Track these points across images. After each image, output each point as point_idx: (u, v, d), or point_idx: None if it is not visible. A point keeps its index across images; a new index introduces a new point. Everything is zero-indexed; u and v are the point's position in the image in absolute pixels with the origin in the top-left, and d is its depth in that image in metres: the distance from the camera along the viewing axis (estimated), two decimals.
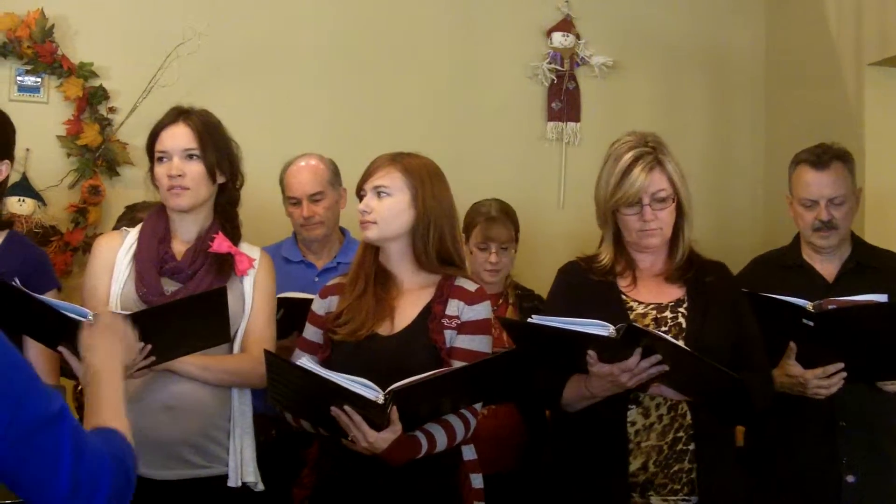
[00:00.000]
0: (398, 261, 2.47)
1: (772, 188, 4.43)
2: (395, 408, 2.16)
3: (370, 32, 4.26)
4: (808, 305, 2.48)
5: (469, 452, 2.51)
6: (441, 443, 2.33)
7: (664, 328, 2.42)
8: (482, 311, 2.43)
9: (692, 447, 2.40)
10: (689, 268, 2.53)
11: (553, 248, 2.81)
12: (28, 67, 3.88)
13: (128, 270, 2.55)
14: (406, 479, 2.31)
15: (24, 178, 3.78)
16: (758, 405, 2.39)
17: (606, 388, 2.32)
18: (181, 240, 2.61)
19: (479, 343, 2.41)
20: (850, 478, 2.79)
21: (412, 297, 2.45)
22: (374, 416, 2.16)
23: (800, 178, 2.92)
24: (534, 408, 3.12)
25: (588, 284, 2.52)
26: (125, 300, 2.50)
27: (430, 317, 2.40)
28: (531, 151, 4.42)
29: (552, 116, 4.44)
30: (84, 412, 1.54)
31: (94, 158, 3.90)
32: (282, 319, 2.82)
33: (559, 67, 4.42)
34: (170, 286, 2.53)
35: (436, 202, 2.44)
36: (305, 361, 2.19)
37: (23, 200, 3.74)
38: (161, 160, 2.58)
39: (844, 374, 2.56)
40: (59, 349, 2.32)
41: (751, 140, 4.62)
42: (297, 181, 3.38)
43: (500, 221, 3.37)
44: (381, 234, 2.44)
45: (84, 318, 2.21)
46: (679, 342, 2.29)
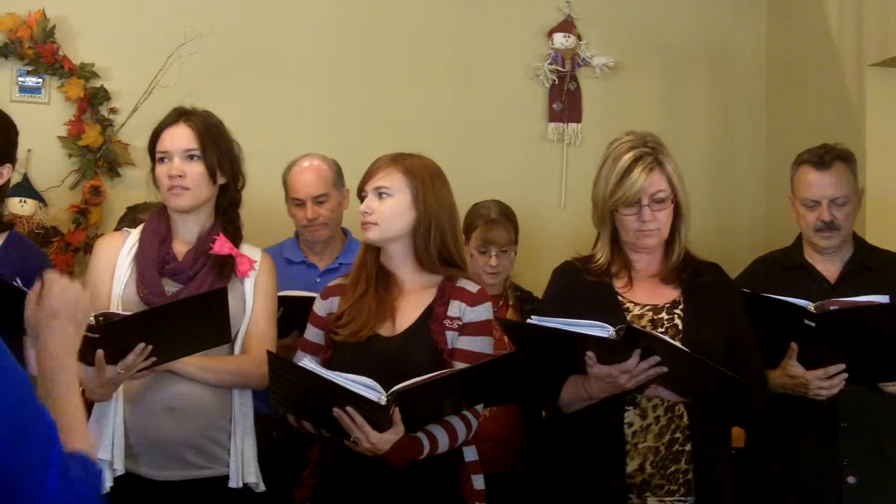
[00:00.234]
0: (399, 261, 2.47)
1: (773, 188, 4.42)
2: (398, 409, 2.16)
3: (371, 33, 4.26)
4: (810, 306, 2.48)
5: (471, 453, 2.50)
6: (443, 444, 2.33)
7: (661, 329, 2.42)
8: (484, 313, 2.43)
9: (689, 448, 2.40)
10: (685, 269, 2.53)
11: (554, 249, 2.81)
12: (29, 68, 3.88)
13: (129, 271, 2.55)
14: (408, 480, 2.31)
15: (26, 179, 3.78)
16: (754, 405, 2.39)
17: (604, 390, 2.32)
18: (182, 240, 2.61)
19: (481, 344, 2.40)
20: (852, 479, 2.78)
21: (414, 298, 2.44)
22: (377, 418, 2.16)
23: (802, 179, 2.92)
24: (535, 408, 3.11)
25: (584, 285, 2.52)
26: (126, 301, 2.51)
27: (432, 318, 2.39)
28: (532, 152, 4.42)
29: (553, 117, 4.43)
30: (46, 404, 1.46)
31: (96, 159, 3.90)
32: (282, 318, 2.81)
33: (560, 68, 4.42)
34: (171, 287, 2.53)
35: (437, 203, 2.43)
36: (307, 362, 2.19)
37: (24, 201, 3.75)
38: (162, 161, 2.58)
39: (846, 376, 2.56)
40: None
41: (752, 140, 4.62)
42: (301, 183, 3.35)
43: (500, 224, 3.34)
44: (383, 236, 2.43)
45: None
46: (679, 344, 2.29)
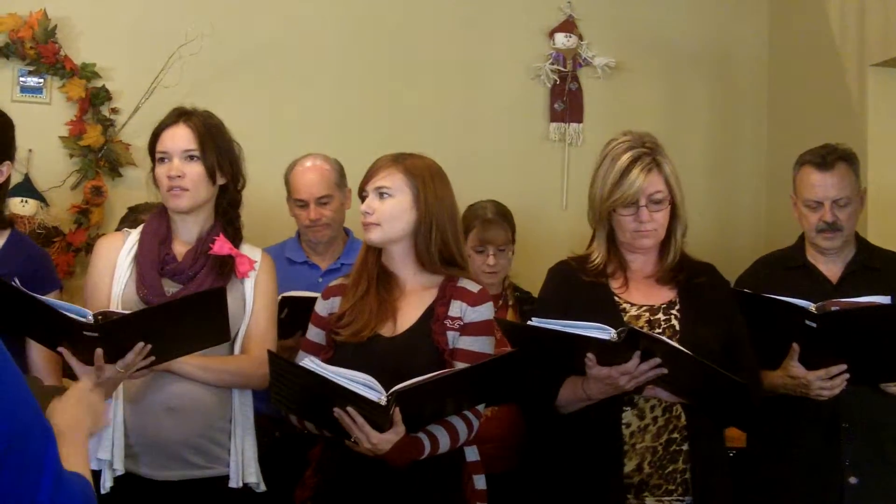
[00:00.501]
0: (401, 262, 2.47)
1: (775, 189, 4.42)
2: (398, 409, 2.16)
3: (373, 33, 4.26)
4: (812, 307, 2.47)
5: (472, 453, 2.50)
6: (444, 444, 2.33)
7: (658, 330, 2.42)
8: (485, 313, 2.43)
9: (686, 447, 2.40)
10: (680, 270, 2.53)
11: (555, 249, 2.80)
12: (31, 68, 3.88)
13: (129, 271, 2.55)
14: (409, 481, 2.30)
15: (27, 179, 3.78)
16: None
17: (604, 391, 2.32)
18: (182, 241, 2.61)
19: (482, 344, 2.40)
20: (853, 479, 2.78)
21: (415, 299, 2.44)
22: (377, 418, 2.16)
23: (804, 180, 2.91)
24: (533, 409, 3.10)
25: (580, 285, 2.52)
26: (126, 301, 2.50)
27: (433, 318, 2.39)
28: (534, 152, 4.41)
29: (555, 117, 4.43)
30: None
31: (97, 159, 3.90)
32: (286, 318, 2.81)
33: (562, 68, 4.42)
34: (170, 287, 2.53)
35: (438, 203, 2.43)
36: (308, 362, 2.18)
37: (25, 201, 3.75)
38: (161, 161, 2.58)
39: (847, 376, 2.56)
40: (60, 350, 2.32)
41: (754, 140, 4.61)
42: (305, 184, 3.33)
43: (497, 224, 3.35)
44: (385, 237, 2.43)
45: (84, 319, 2.22)
46: (680, 346, 2.28)
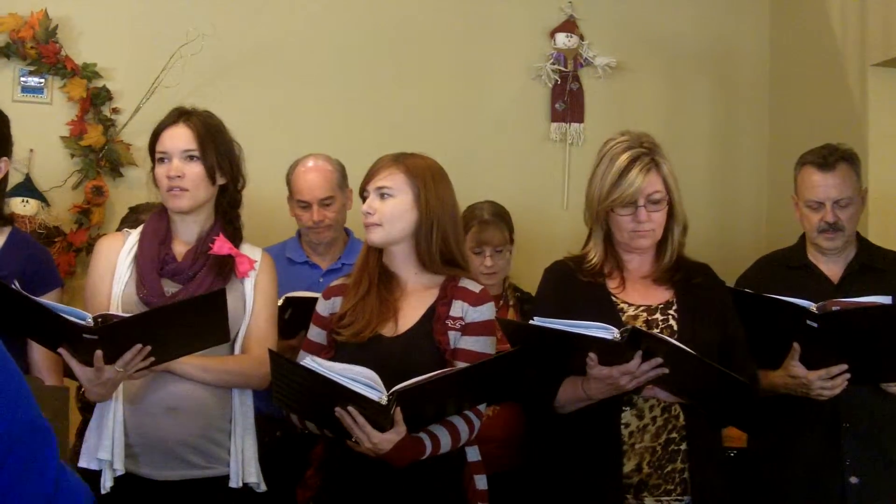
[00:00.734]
0: (402, 262, 2.47)
1: (776, 188, 4.42)
2: (399, 409, 2.16)
3: (374, 33, 4.25)
4: (812, 307, 2.47)
5: (473, 454, 2.50)
6: (445, 444, 2.33)
7: (655, 331, 2.41)
8: (486, 313, 2.43)
9: (684, 447, 2.40)
10: (677, 270, 2.53)
11: (556, 250, 2.80)
12: (31, 68, 3.87)
13: (129, 272, 2.54)
14: (410, 481, 2.30)
15: (28, 179, 3.78)
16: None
17: (604, 391, 2.32)
18: (182, 241, 2.60)
19: (484, 344, 2.40)
20: (854, 479, 2.78)
21: (416, 299, 2.44)
22: (378, 417, 2.16)
23: (805, 180, 2.91)
24: (532, 409, 3.10)
25: (577, 285, 2.52)
26: (126, 301, 2.50)
27: (435, 318, 2.39)
28: (535, 152, 4.41)
29: (556, 117, 4.43)
30: None
31: (98, 159, 3.90)
32: (289, 319, 2.81)
33: (563, 68, 4.41)
34: (170, 287, 2.52)
35: (439, 203, 2.43)
36: (309, 361, 2.18)
37: (26, 201, 3.75)
38: (161, 161, 2.57)
39: (848, 376, 2.56)
40: (60, 351, 2.33)
41: (754, 140, 4.61)
42: (307, 185, 3.31)
43: (494, 224, 3.35)
44: (387, 238, 2.43)
45: (83, 321, 2.22)
46: (684, 346, 2.28)
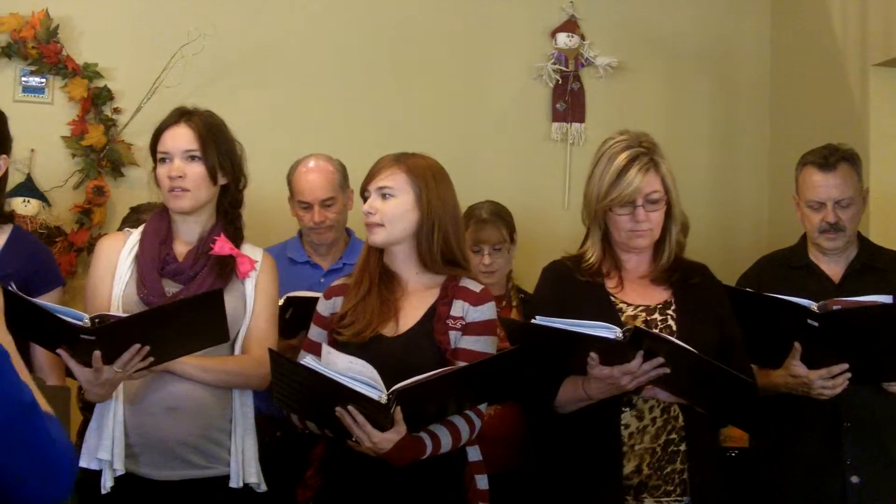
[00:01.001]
0: (403, 262, 2.47)
1: (776, 188, 4.42)
2: (399, 408, 2.16)
3: (375, 33, 4.25)
4: (813, 306, 2.47)
5: (474, 453, 2.49)
6: (446, 444, 2.33)
7: (654, 330, 2.41)
8: (487, 312, 2.42)
9: (683, 448, 2.40)
10: (675, 270, 2.53)
11: (557, 250, 2.80)
12: (33, 68, 3.88)
13: (129, 272, 2.54)
14: (411, 481, 2.30)
15: (29, 179, 3.78)
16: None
17: (604, 391, 2.32)
18: (183, 241, 2.60)
19: (484, 344, 2.40)
20: (855, 479, 2.78)
21: (417, 298, 2.44)
22: (378, 417, 2.16)
23: (806, 180, 2.91)
24: (531, 409, 3.10)
25: (575, 284, 2.52)
26: (126, 301, 2.50)
27: (435, 318, 2.39)
28: (536, 152, 4.41)
29: (557, 117, 4.43)
30: None
31: (99, 159, 3.90)
32: (290, 318, 2.80)
33: (564, 68, 4.41)
34: (171, 287, 2.52)
35: (440, 203, 2.43)
36: (309, 361, 2.18)
37: (28, 201, 3.75)
38: (163, 161, 2.57)
39: (849, 375, 2.56)
40: (58, 352, 2.33)
41: (755, 140, 4.61)
42: (309, 186, 3.31)
43: (491, 223, 3.36)
44: (388, 238, 2.43)
45: (81, 322, 2.22)
46: (689, 346, 2.27)
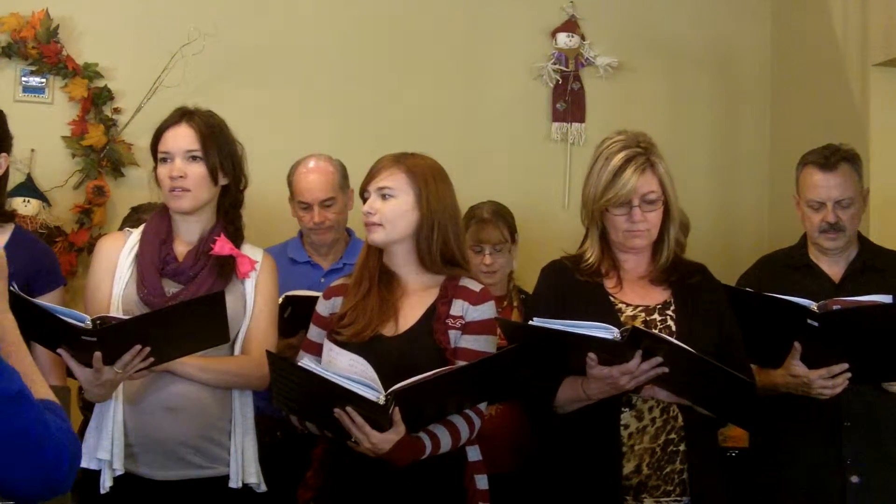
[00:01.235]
0: (402, 262, 2.47)
1: (777, 188, 4.42)
2: (398, 408, 2.16)
3: (375, 33, 4.25)
4: (813, 306, 2.47)
5: (474, 453, 2.49)
6: (445, 444, 2.33)
7: (654, 331, 2.41)
8: (487, 312, 2.42)
9: (683, 448, 2.40)
10: (673, 270, 2.53)
11: (557, 250, 2.81)
12: (33, 68, 3.87)
13: (129, 271, 2.54)
14: (411, 481, 2.30)
15: (29, 179, 3.78)
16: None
17: (604, 391, 2.32)
18: (183, 241, 2.60)
19: (484, 343, 2.40)
20: (855, 478, 2.78)
21: (416, 298, 2.44)
22: (377, 417, 2.16)
23: (807, 180, 2.91)
24: (531, 409, 3.10)
25: (574, 285, 2.51)
26: (126, 301, 2.50)
27: (435, 317, 2.39)
28: (536, 152, 4.41)
29: (557, 117, 4.42)
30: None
31: (99, 159, 3.90)
32: (289, 317, 2.80)
33: (564, 68, 4.41)
34: (171, 288, 2.52)
35: (440, 203, 2.43)
36: (307, 362, 2.18)
37: (28, 201, 3.75)
38: (164, 161, 2.57)
39: (849, 375, 2.56)
40: (59, 352, 2.33)
41: (756, 140, 4.61)
42: (309, 186, 3.31)
43: (492, 223, 3.36)
44: (388, 238, 2.43)
45: (82, 324, 2.22)
46: (687, 346, 2.27)
